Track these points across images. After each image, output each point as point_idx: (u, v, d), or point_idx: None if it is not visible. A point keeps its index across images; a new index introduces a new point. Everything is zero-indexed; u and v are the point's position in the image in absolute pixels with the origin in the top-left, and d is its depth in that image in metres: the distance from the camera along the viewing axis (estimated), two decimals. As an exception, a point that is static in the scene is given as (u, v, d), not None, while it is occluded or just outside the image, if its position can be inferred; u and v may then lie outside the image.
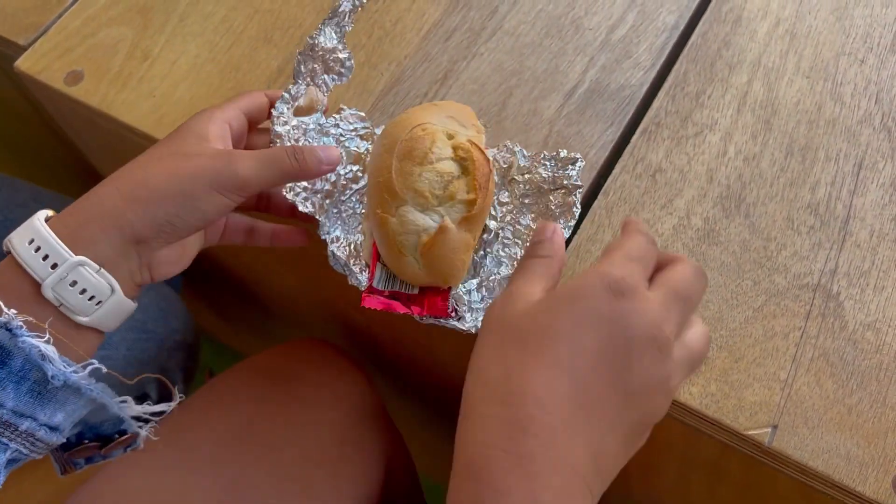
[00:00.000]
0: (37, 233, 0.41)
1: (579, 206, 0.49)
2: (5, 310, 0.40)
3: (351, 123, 0.54)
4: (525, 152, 0.53)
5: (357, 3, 0.51)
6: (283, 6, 0.64)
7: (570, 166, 0.51)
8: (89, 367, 0.42)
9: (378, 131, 0.54)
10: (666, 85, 0.59)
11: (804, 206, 0.53)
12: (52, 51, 0.62)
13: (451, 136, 0.49)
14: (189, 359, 0.83)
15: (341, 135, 0.53)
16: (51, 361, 0.40)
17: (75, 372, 0.41)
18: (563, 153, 0.51)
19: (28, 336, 0.39)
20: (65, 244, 0.41)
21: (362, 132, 0.54)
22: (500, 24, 0.62)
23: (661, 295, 0.37)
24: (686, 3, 0.62)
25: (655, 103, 0.58)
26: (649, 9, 0.62)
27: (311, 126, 0.52)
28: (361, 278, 0.49)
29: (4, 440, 0.40)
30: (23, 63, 0.62)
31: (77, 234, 0.42)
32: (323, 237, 0.50)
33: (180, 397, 0.46)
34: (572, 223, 0.49)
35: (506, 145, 0.53)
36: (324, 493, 0.59)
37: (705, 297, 0.50)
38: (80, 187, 0.92)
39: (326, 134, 0.53)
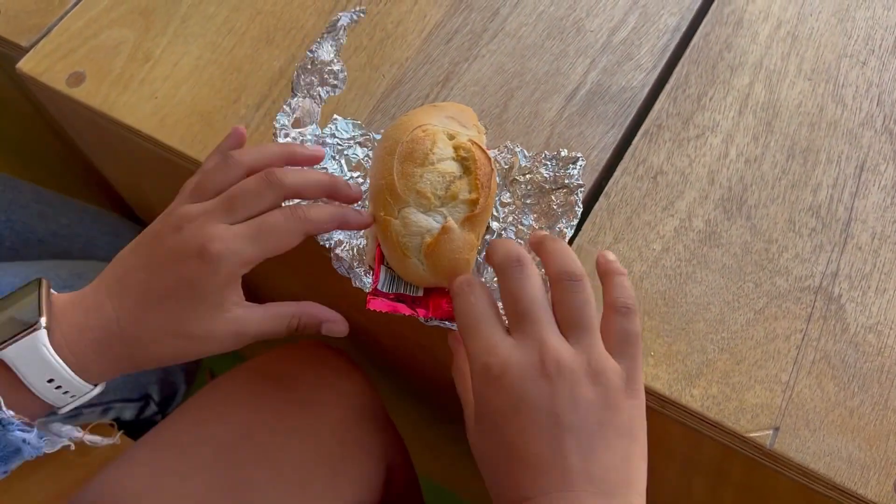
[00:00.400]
0: (56, 373, 0.43)
1: (581, 205, 0.49)
2: (4, 409, 0.43)
3: (347, 133, 0.54)
4: (526, 152, 0.53)
5: (355, 17, 0.52)
6: (284, 8, 0.64)
7: (571, 165, 0.51)
8: (59, 445, 0.45)
9: (376, 136, 0.54)
10: (667, 87, 0.59)
11: (806, 209, 0.53)
12: (54, 52, 0.62)
13: (451, 137, 0.49)
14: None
15: (338, 144, 0.54)
16: (29, 444, 0.43)
17: (50, 445, 0.45)
18: (564, 153, 0.51)
19: (19, 430, 0.43)
20: (80, 376, 0.44)
21: (360, 139, 0.54)
22: (501, 26, 0.62)
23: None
24: (687, 5, 0.62)
25: (657, 105, 0.58)
26: (651, 11, 0.62)
27: (309, 138, 0.52)
28: (366, 281, 0.49)
29: None
30: (25, 64, 0.62)
31: (95, 371, 0.45)
32: (322, 243, 0.50)
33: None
34: (574, 222, 0.49)
35: (506, 146, 0.53)
36: (323, 494, 0.59)
37: (706, 299, 0.51)
38: (81, 188, 0.93)
39: (324, 144, 0.53)
